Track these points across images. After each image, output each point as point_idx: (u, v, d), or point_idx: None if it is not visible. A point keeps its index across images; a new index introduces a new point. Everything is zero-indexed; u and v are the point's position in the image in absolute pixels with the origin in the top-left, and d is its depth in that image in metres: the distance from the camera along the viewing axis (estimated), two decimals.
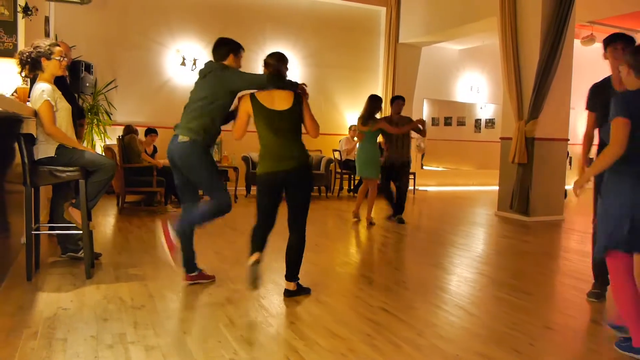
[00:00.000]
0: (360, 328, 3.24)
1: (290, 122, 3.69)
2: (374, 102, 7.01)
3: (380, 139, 7.29)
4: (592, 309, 3.85)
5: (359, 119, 7.03)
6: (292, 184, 3.70)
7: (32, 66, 3.99)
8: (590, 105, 4.01)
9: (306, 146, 3.80)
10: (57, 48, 4.04)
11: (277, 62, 3.87)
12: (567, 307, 3.97)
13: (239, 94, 3.83)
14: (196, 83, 3.93)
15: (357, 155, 7.20)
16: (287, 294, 3.80)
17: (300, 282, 3.88)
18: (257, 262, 3.63)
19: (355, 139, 7.99)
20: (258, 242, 3.76)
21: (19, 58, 3.99)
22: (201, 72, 3.91)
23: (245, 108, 3.72)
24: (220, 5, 10.22)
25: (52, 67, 4.02)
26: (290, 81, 3.81)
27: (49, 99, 3.91)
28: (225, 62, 3.94)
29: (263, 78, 3.76)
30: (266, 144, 3.69)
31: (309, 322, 3.31)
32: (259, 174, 3.74)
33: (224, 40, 4.07)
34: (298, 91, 3.77)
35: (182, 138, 3.73)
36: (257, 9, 10.51)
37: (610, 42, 4.03)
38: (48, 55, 3.98)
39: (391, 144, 7.29)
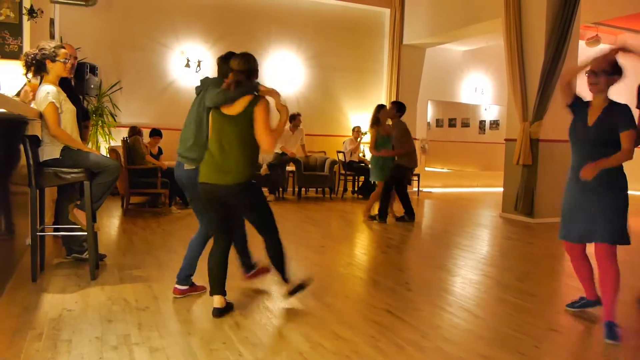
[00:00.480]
0: (364, 330, 3.23)
1: (238, 129, 3.29)
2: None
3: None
4: (597, 312, 3.83)
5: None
6: (233, 200, 3.40)
7: (37, 68, 4.01)
8: None
9: (307, 147, 3.71)
10: (62, 50, 4.06)
11: (240, 67, 3.35)
12: (572, 309, 3.95)
13: None
14: (192, 103, 3.75)
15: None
16: (287, 294, 3.73)
17: (294, 278, 3.77)
18: (223, 309, 3.40)
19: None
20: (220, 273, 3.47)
21: (24, 60, 4.01)
22: (197, 89, 3.76)
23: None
24: (224, 7, 10.23)
25: (57, 69, 4.04)
26: (251, 85, 3.35)
27: (53, 101, 3.93)
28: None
29: (220, 95, 3.32)
30: (209, 149, 3.41)
31: (313, 324, 3.31)
32: (199, 182, 3.42)
33: (230, 55, 3.56)
34: (258, 93, 3.35)
35: (188, 167, 3.65)
36: (261, 11, 10.53)
37: None
38: (53, 58, 4.00)
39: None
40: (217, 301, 3.40)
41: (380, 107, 7.50)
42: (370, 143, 7.36)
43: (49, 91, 3.95)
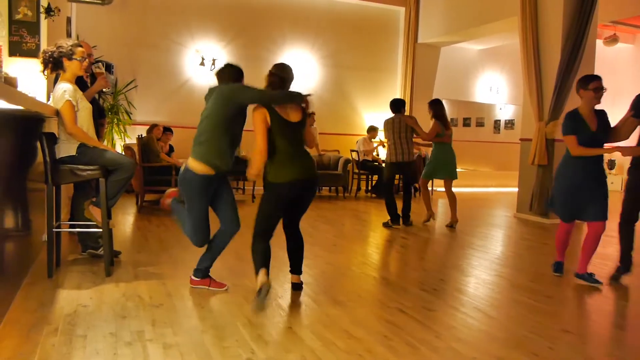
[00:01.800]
0: (377, 329, 3.23)
1: (301, 134, 3.71)
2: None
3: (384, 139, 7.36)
4: (612, 313, 3.80)
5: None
6: (308, 191, 3.80)
7: (54, 65, 4.05)
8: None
9: (321, 146, 3.85)
10: (79, 49, 4.10)
11: (284, 75, 3.74)
12: (587, 310, 3.92)
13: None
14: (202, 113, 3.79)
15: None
16: (293, 287, 3.99)
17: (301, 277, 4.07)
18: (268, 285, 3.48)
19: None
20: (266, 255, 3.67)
21: (42, 57, 4.05)
22: (206, 98, 3.82)
23: (263, 118, 3.56)
24: (239, 6, 10.27)
25: (74, 67, 4.08)
26: (298, 95, 3.64)
27: (70, 99, 3.97)
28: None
29: (273, 96, 3.64)
30: (285, 152, 3.63)
31: (326, 323, 3.31)
32: (280, 183, 3.66)
33: (230, 65, 3.86)
34: (303, 105, 3.72)
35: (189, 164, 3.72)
36: (276, 10, 10.55)
37: None
38: (70, 56, 4.04)
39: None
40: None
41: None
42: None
43: (65, 89, 3.99)
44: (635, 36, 13.33)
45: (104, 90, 5.04)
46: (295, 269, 3.99)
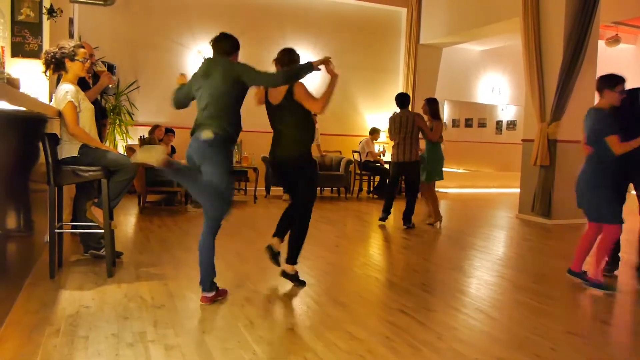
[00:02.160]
0: (379, 330, 3.23)
1: (284, 116, 4.01)
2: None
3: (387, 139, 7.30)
4: (615, 314, 3.79)
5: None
6: (286, 171, 4.11)
7: (56, 66, 4.06)
8: None
9: (323, 146, 3.87)
10: (81, 50, 4.11)
11: (290, 57, 4.14)
12: (589, 312, 3.91)
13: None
14: (200, 79, 3.74)
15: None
16: (283, 274, 4.10)
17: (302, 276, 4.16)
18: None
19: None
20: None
21: (44, 58, 4.06)
22: (205, 69, 3.73)
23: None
24: (241, 7, 10.28)
25: (76, 68, 4.09)
26: (307, 66, 3.84)
27: (72, 100, 3.98)
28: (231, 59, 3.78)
29: (279, 77, 3.78)
30: (273, 132, 4.14)
31: (327, 324, 3.31)
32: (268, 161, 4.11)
33: (227, 35, 3.82)
34: (317, 68, 3.89)
35: (208, 134, 3.51)
36: (277, 10, 10.56)
37: None
38: (72, 57, 4.05)
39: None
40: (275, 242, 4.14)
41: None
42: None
43: (67, 90, 4.00)
44: (637, 37, 13.32)
45: (109, 86, 5.06)
46: (289, 257, 4.10)
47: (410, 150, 6.86)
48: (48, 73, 4.14)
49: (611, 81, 4.31)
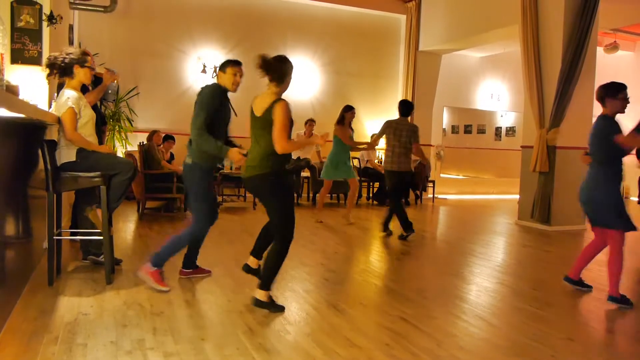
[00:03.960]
0: (378, 337, 3.22)
1: (256, 130, 3.66)
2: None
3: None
4: (615, 321, 3.78)
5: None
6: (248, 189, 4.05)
7: (63, 71, 4.07)
8: None
9: (322, 152, 3.79)
10: (88, 57, 4.15)
11: (283, 68, 3.69)
12: (589, 318, 3.91)
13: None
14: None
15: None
16: (254, 302, 3.64)
17: (274, 292, 3.85)
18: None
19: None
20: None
21: (50, 62, 4.06)
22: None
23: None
24: (241, 13, 10.30)
25: (82, 75, 4.12)
26: (219, 149, 3.89)
27: (73, 106, 3.98)
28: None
29: (198, 133, 3.91)
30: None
31: (327, 331, 3.30)
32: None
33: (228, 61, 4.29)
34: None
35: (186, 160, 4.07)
36: (278, 17, 10.58)
37: None
38: (82, 63, 4.08)
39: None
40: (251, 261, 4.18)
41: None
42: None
43: (69, 96, 4.01)
44: (635, 44, 13.35)
45: (114, 82, 5.10)
46: (261, 282, 3.69)
47: (404, 160, 6.76)
48: (53, 77, 4.15)
49: (613, 89, 4.29)
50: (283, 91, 3.64)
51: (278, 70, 3.60)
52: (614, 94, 4.26)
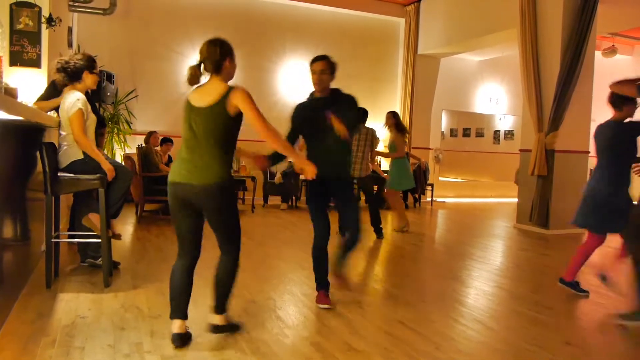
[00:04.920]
0: (377, 341, 3.21)
1: (206, 124, 2.97)
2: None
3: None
4: (614, 325, 3.78)
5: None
6: (200, 202, 3.03)
7: (72, 75, 4.08)
8: None
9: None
10: (96, 64, 4.19)
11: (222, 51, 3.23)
12: (587, 322, 3.90)
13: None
14: None
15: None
16: (214, 329, 3.18)
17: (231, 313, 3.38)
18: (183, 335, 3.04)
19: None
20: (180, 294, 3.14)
21: (61, 66, 4.05)
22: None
23: None
24: (241, 16, 10.30)
25: (90, 80, 4.15)
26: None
27: (82, 108, 4.00)
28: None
29: None
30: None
31: (325, 335, 3.29)
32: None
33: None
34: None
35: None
36: (277, 20, 10.59)
37: None
38: (91, 69, 4.11)
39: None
40: (178, 326, 3.01)
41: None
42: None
43: (79, 98, 4.02)
44: (633, 48, 13.38)
45: (107, 94, 5.07)
46: (215, 304, 3.20)
47: (365, 166, 6.95)
48: (59, 80, 4.15)
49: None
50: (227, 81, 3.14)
51: (211, 56, 3.14)
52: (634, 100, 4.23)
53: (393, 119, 7.29)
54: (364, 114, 6.88)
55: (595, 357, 3.18)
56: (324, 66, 3.86)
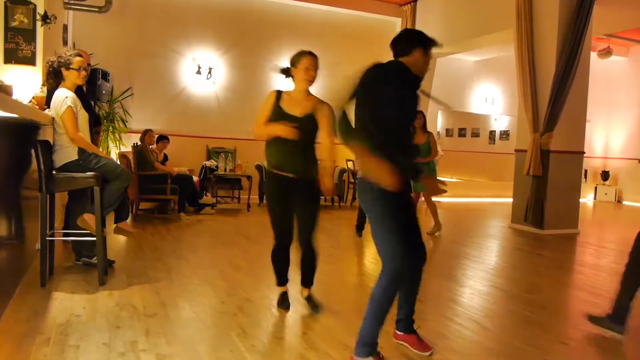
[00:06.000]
0: None
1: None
2: None
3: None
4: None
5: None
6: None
7: (55, 75, 4.10)
8: None
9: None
10: (77, 58, 4.14)
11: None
12: (581, 322, 3.91)
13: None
14: None
15: None
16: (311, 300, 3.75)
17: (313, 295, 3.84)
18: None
19: None
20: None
21: (46, 68, 4.11)
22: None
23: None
24: (237, 15, 10.29)
25: (72, 76, 4.13)
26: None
27: (72, 105, 3.99)
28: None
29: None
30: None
31: (320, 333, 3.30)
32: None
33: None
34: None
35: None
36: (273, 20, 10.58)
37: None
38: (67, 65, 4.09)
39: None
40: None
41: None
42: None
43: (67, 96, 4.02)
44: (628, 49, 13.43)
45: (102, 92, 5.06)
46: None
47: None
48: (49, 82, 4.16)
49: None
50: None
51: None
52: None
53: (423, 119, 7.15)
54: None
55: (589, 357, 3.19)
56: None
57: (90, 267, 4.55)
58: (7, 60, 5.19)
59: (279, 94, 3.58)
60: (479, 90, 13.55)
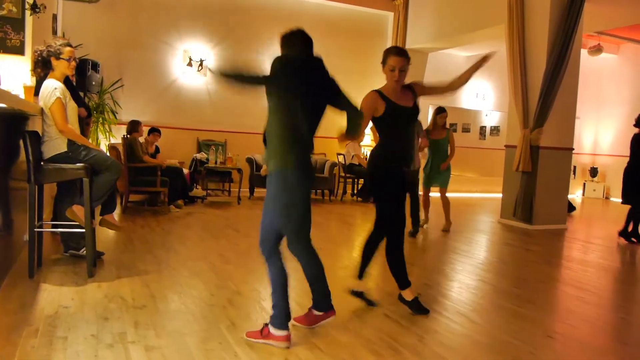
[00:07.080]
0: (361, 333, 3.23)
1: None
2: None
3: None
4: (594, 319, 3.84)
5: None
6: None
7: (43, 65, 4.05)
8: None
9: (314, 149, 3.68)
10: (67, 49, 4.10)
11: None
12: (568, 316, 3.95)
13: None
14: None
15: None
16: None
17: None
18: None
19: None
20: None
21: (33, 56, 4.06)
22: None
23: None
24: (228, 7, 10.24)
25: (62, 66, 4.08)
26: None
27: (60, 96, 3.96)
28: None
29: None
30: None
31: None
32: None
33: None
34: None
35: None
36: (264, 12, 10.54)
37: None
38: (57, 55, 4.04)
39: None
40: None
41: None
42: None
43: (56, 87, 3.97)
44: (619, 47, 13.50)
45: (92, 83, 5.01)
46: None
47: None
48: (38, 71, 4.11)
49: None
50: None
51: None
52: None
53: (446, 116, 7.48)
54: None
55: (575, 350, 3.22)
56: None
57: (79, 258, 4.52)
58: None
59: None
60: (470, 86, 13.57)
